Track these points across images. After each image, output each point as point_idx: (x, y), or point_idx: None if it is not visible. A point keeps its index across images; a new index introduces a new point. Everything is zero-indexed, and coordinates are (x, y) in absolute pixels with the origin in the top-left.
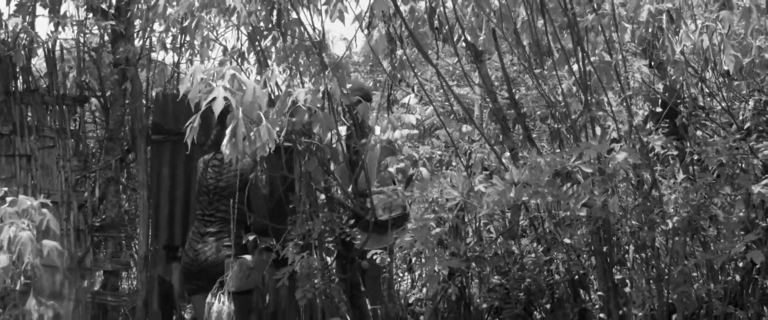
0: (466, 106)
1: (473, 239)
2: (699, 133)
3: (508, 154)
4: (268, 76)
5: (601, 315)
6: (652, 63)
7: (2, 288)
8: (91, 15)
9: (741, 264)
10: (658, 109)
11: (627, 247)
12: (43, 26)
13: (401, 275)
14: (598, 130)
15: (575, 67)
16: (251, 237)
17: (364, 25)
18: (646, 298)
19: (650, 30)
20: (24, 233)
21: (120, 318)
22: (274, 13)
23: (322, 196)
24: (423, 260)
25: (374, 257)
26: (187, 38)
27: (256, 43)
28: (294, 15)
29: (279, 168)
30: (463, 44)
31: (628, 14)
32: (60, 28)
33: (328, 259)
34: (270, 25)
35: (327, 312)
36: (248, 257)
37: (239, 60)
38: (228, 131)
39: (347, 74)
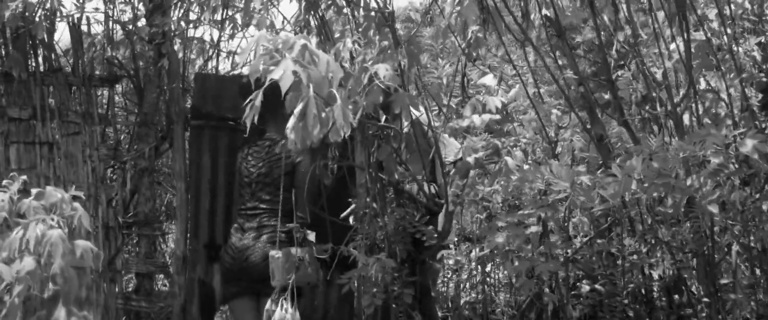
0: (563, 87)
1: (559, 238)
2: None
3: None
4: (339, 49)
5: None
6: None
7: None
8: None
9: None
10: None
11: (727, 249)
12: None
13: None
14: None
15: (672, 46)
16: (299, 229)
17: None
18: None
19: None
20: (54, 231)
21: None
22: None
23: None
24: (515, 262)
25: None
26: (229, 12)
27: (316, 14)
28: None
29: (332, 155)
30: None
31: None
32: None
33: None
34: None
35: None
36: (297, 249)
37: (304, 31)
38: (296, 111)
39: (419, 51)
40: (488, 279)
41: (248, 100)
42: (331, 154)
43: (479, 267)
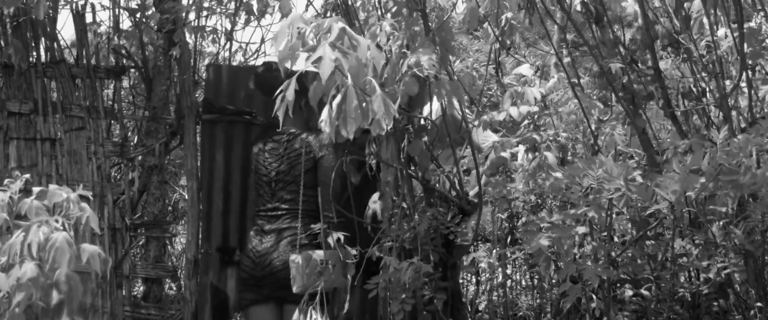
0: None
1: (603, 240)
2: None
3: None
4: (376, 34)
5: None
6: None
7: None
8: None
9: None
10: None
11: None
12: None
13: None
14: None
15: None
16: (327, 230)
17: None
18: None
19: None
20: (58, 234)
21: None
22: None
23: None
24: (561, 266)
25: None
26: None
27: None
28: None
29: (370, 151)
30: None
31: None
32: None
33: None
34: None
35: None
36: (320, 252)
37: (331, 14)
38: (334, 103)
39: (451, 37)
40: (509, 281)
41: (279, 91)
42: (369, 150)
43: (501, 268)
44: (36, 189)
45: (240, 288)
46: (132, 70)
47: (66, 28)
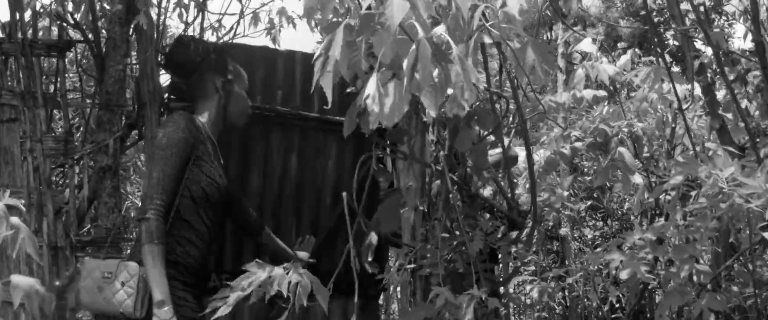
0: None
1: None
2: None
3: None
4: None
5: None
6: None
7: None
8: None
9: None
10: None
11: None
12: None
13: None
14: None
15: None
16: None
17: None
18: None
19: None
20: None
21: None
22: None
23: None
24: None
25: None
26: None
27: None
28: None
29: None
30: None
31: None
32: None
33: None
34: None
35: None
36: None
37: None
38: (406, 69)
39: None
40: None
41: (317, 56)
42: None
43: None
44: None
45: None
46: (79, 46)
47: None
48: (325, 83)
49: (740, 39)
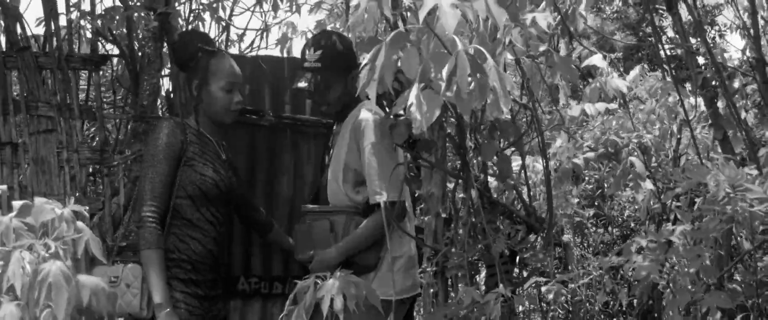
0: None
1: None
2: None
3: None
4: None
5: None
6: None
7: None
8: None
9: None
10: None
11: None
12: None
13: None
14: None
15: None
16: None
17: None
18: None
19: None
20: (51, 265)
21: None
22: None
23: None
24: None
25: None
26: None
27: None
28: None
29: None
30: None
31: None
32: None
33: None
34: None
35: None
36: None
37: None
38: (444, 73)
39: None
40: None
41: (364, 63)
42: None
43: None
44: (16, 204)
45: None
46: (114, 60)
47: (32, 7)
48: (371, 94)
49: (736, 50)
